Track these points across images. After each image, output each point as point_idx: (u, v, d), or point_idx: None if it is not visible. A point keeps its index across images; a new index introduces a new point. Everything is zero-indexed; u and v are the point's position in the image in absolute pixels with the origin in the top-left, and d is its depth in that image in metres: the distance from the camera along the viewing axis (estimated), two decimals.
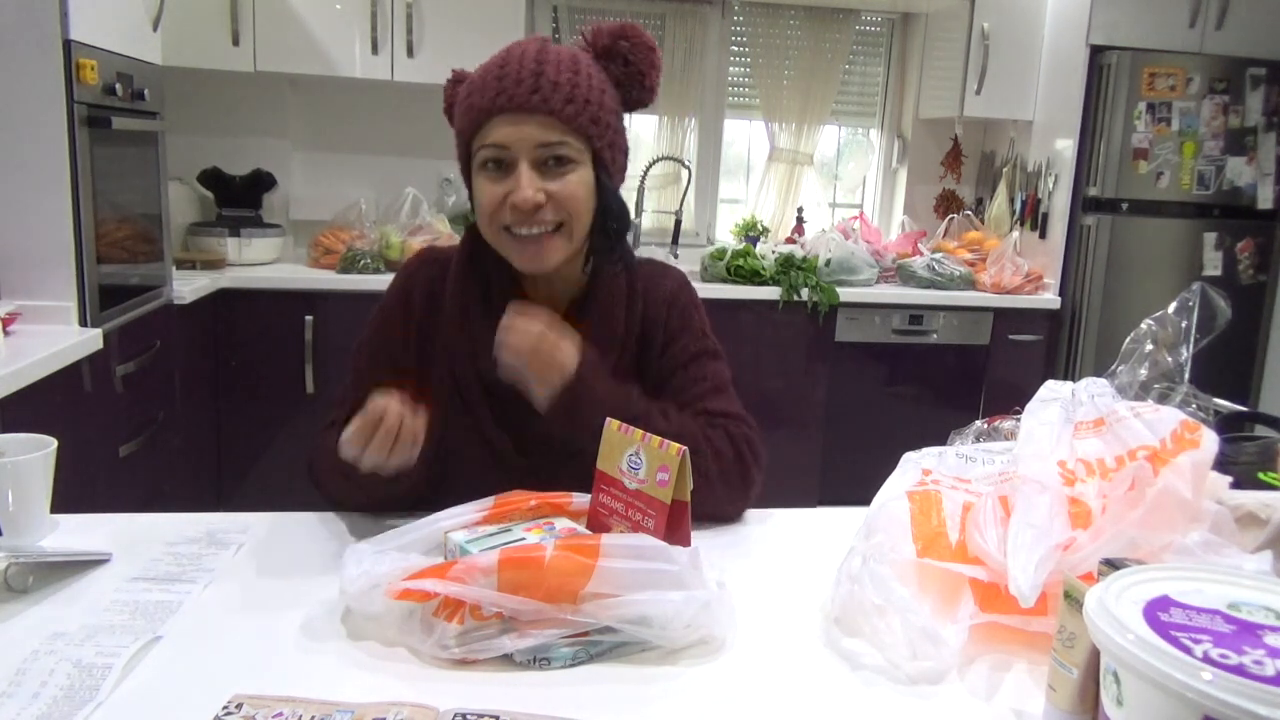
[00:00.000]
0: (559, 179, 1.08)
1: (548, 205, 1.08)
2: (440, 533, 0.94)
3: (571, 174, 1.09)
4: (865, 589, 0.86)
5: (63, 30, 1.95)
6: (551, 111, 1.05)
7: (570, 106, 1.06)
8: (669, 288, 1.25)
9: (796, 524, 1.21)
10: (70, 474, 1.26)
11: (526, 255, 1.11)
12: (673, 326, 1.23)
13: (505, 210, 1.08)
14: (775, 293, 3.18)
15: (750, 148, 3.98)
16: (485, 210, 1.10)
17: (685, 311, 1.25)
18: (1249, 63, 3.23)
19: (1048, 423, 0.97)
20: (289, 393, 2.96)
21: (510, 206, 1.07)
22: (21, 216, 1.99)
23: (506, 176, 1.08)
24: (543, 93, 1.05)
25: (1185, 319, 1.07)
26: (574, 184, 1.09)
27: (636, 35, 1.14)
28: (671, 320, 1.24)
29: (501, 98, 1.05)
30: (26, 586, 0.90)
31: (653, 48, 1.15)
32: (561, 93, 1.06)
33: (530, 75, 1.05)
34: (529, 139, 1.06)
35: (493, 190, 1.08)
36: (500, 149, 1.07)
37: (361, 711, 0.71)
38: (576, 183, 1.09)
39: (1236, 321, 1.76)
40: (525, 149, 1.06)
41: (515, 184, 1.06)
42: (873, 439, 3.28)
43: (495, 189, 1.08)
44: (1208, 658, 0.55)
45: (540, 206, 1.07)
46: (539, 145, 1.06)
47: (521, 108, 1.05)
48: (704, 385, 1.21)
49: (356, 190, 3.38)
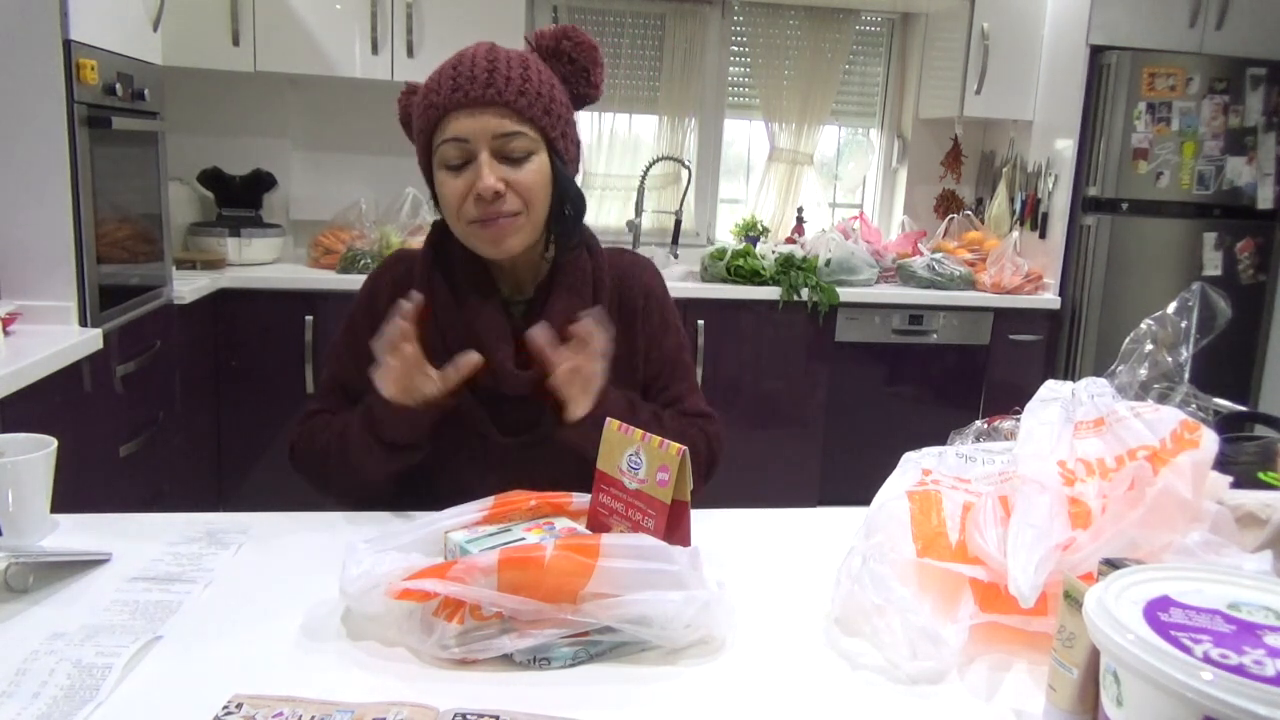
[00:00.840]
0: (518, 167, 1.14)
1: (508, 193, 1.13)
2: (440, 533, 0.94)
3: (529, 163, 1.14)
4: (865, 589, 0.86)
5: (63, 30, 1.95)
6: (506, 103, 1.11)
7: (523, 98, 1.12)
8: (643, 278, 1.31)
9: (796, 524, 1.21)
10: (70, 474, 1.26)
11: (490, 237, 1.16)
12: (654, 323, 1.29)
13: (470, 203, 1.14)
14: (775, 293, 3.18)
15: (750, 148, 3.98)
16: (451, 205, 1.16)
17: (662, 304, 1.31)
18: (1249, 63, 3.23)
19: (1048, 423, 0.97)
20: (289, 393, 2.96)
21: (474, 196, 1.12)
22: (21, 216, 1.99)
23: (467, 170, 1.13)
24: (496, 86, 1.11)
25: (1185, 319, 1.07)
26: (532, 172, 1.14)
27: (578, 35, 1.21)
28: (651, 314, 1.29)
29: (458, 93, 1.11)
30: (26, 586, 0.91)
31: (594, 46, 1.22)
32: (514, 85, 1.12)
33: (484, 71, 1.12)
34: (487, 130, 1.11)
35: (456, 185, 1.14)
36: (460, 141, 1.12)
37: (361, 711, 0.71)
38: (534, 170, 1.15)
39: (1236, 321, 1.76)
40: (484, 139, 1.12)
41: (477, 173, 1.12)
42: (873, 439, 3.28)
43: (458, 183, 1.14)
44: (1208, 658, 0.55)
45: (501, 194, 1.12)
46: (496, 135, 1.12)
47: (477, 101, 1.11)
48: (682, 386, 1.30)
49: (356, 190, 3.39)
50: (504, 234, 1.15)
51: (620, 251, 1.33)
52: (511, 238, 1.16)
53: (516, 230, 1.16)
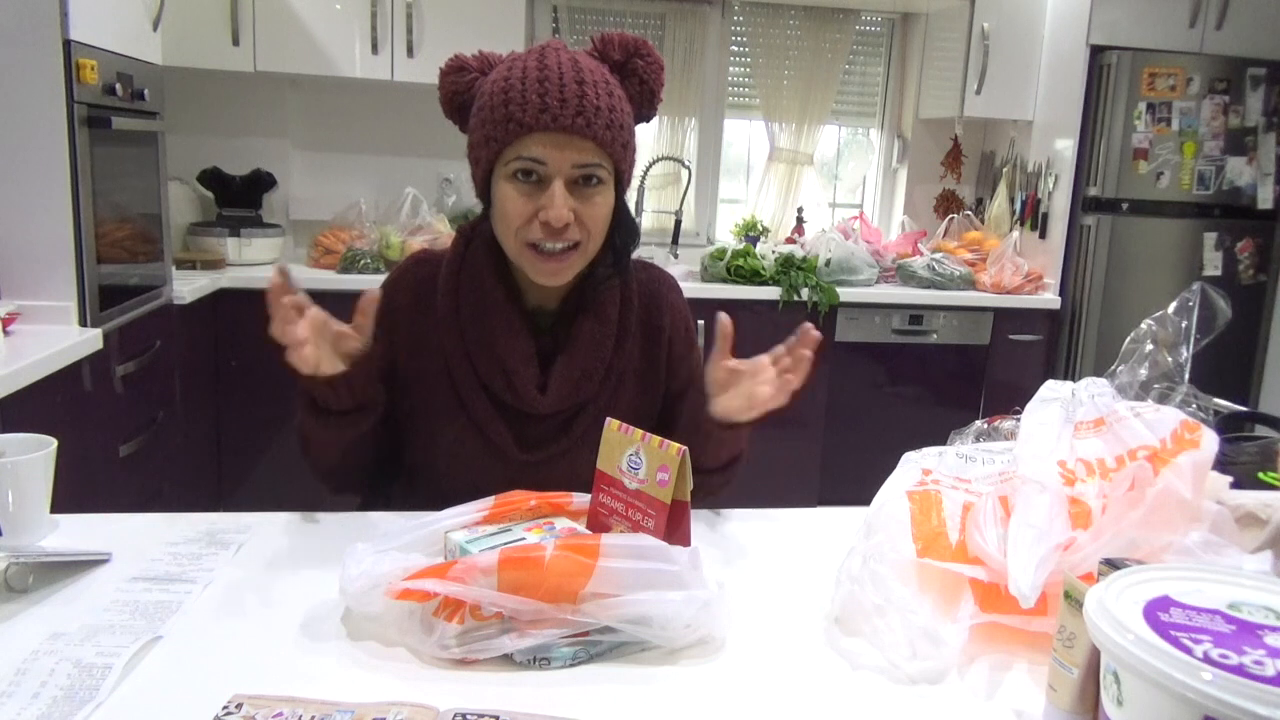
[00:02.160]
0: (588, 200, 1.10)
1: (574, 224, 1.10)
2: (440, 533, 0.94)
3: (599, 195, 1.11)
4: (865, 589, 0.86)
5: (63, 30, 1.94)
6: (594, 137, 1.07)
7: (609, 132, 1.08)
8: (668, 296, 1.30)
9: (796, 524, 1.21)
10: (70, 474, 1.26)
11: (548, 270, 1.13)
12: (678, 341, 1.29)
13: (534, 226, 1.10)
14: (775, 293, 3.18)
15: (750, 148, 3.98)
16: (512, 222, 1.11)
17: (686, 322, 1.31)
18: (1249, 63, 3.23)
19: (1048, 423, 0.97)
20: (289, 393, 2.93)
21: (541, 223, 1.09)
22: (21, 216, 1.99)
23: (537, 191, 1.09)
24: (586, 115, 1.06)
25: (1185, 319, 1.07)
26: (600, 205, 1.12)
27: (650, 54, 1.17)
28: (676, 333, 1.29)
29: (546, 115, 1.06)
30: (26, 586, 0.90)
31: (663, 66, 1.18)
32: (603, 118, 1.08)
33: (574, 96, 1.06)
34: (568, 159, 1.08)
35: (522, 205, 1.10)
36: (537, 164, 1.08)
37: (361, 711, 0.71)
38: (602, 204, 1.12)
39: (1236, 321, 1.76)
40: (563, 168, 1.08)
41: (549, 201, 1.08)
42: (873, 439, 3.28)
43: (525, 203, 1.10)
44: (1208, 658, 0.55)
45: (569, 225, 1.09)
46: (576, 165, 1.08)
47: (566, 129, 1.06)
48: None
49: (356, 190, 3.38)
50: (563, 270, 1.13)
51: (645, 266, 1.31)
52: (569, 273, 1.15)
53: (573, 266, 1.14)
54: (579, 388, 1.18)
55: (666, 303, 1.28)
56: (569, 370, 1.18)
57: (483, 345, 1.17)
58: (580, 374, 1.18)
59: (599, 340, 1.20)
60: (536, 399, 1.16)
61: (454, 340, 1.18)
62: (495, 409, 1.17)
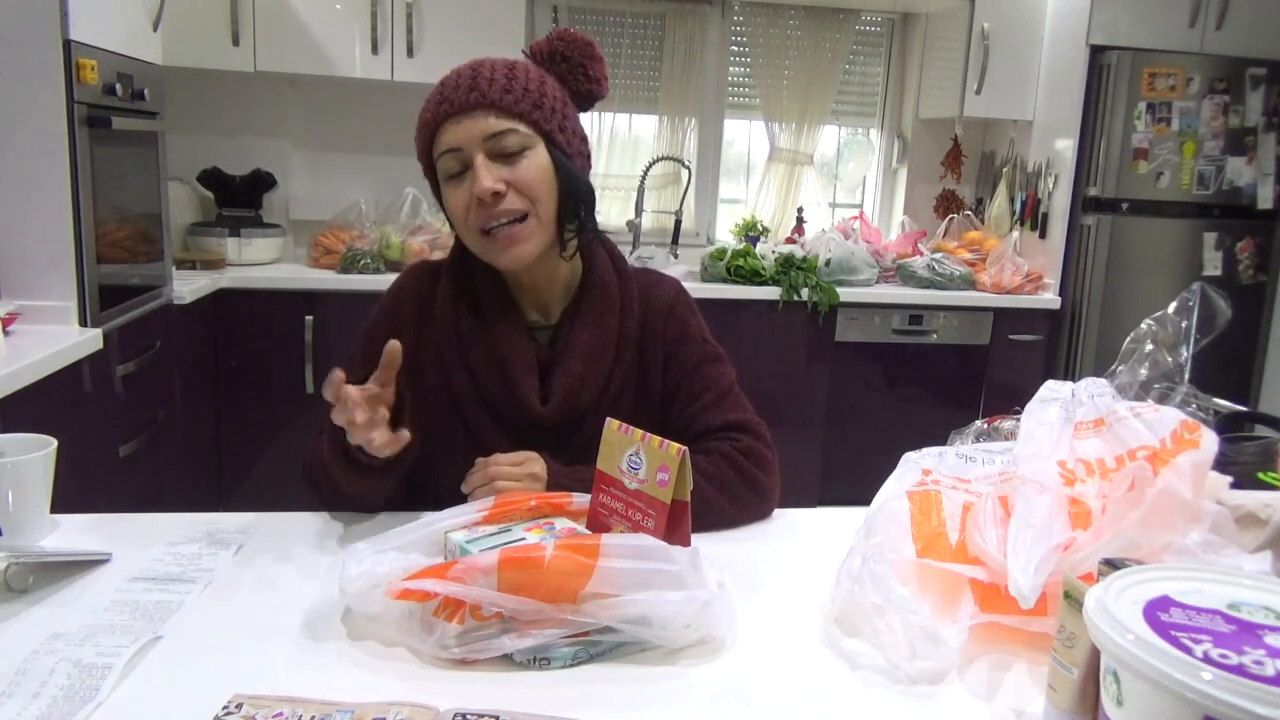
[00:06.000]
0: (515, 165, 1.12)
1: (509, 193, 1.11)
2: (440, 533, 0.94)
3: (524, 158, 1.12)
4: (865, 589, 0.86)
5: (63, 30, 1.94)
6: (491, 103, 1.10)
7: (509, 95, 1.11)
8: (665, 297, 1.27)
9: (796, 524, 1.21)
10: (70, 474, 1.26)
11: (503, 248, 1.14)
12: (671, 337, 1.25)
13: (474, 211, 1.12)
14: (775, 293, 3.18)
15: (750, 148, 3.98)
16: (458, 216, 1.14)
17: (683, 319, 1.27)
18: (1249, 63, 3.23)
19: (1048, 423, 0.97)
20: (289, 393, 2.96)
21: (476, 202, 1.11)
22: (21, 216, 1.99)
23: (466, 178, 1.12)
24: (480, 89, 1.11)
25: (1185, 319, 1.07)
26: (530, 167, 1.12)
27: (569, 34, 1.20)
28: (670, 331, 1.26)
29: (444, 105, 1.11)
30: (26, 586, 0.90)
31: (588, 42, 1.20)
32: (498, 85, 1.11)
33: (467, 80, 1.12)
34: (476, 133, 1.10)
35: (458, 195, 1.13)
36: (454, 151, 1.11)
37: (361, 711, 0.71)
38: (531, 165, 1.12)
39: (1236, 321, 1.76)
40: (475, 143, 1.11)
41: (474, 178, 1.10)
42: (873, 439, 3.28)
43: (460, 193, 1.12)
44: (1208, 658, 0.55)
45: (501, 194, 1.11)
46: (487, 137, 1.11)
47: (462, 106, 1.10)
48: (707, 397, 1.24)
49: (356, 190, 3.39)
50: (514, 240, 1.13)
51: (646, 272, 1.31)
52: (522, 244, 1.13)
53: (527, 236, 1.13)
54: (580, 397, 1.18)
55: (661, 302, 1.27)
56: (570, 380, 1.18)
57: (482, 357, 1.17)
58: (581, 383, 1.18)
59: (599, 349, 1.19)
60: (538, 409, 1.16)
61: (453, 352, 1.19)
62: (494, 421, 1.18)
